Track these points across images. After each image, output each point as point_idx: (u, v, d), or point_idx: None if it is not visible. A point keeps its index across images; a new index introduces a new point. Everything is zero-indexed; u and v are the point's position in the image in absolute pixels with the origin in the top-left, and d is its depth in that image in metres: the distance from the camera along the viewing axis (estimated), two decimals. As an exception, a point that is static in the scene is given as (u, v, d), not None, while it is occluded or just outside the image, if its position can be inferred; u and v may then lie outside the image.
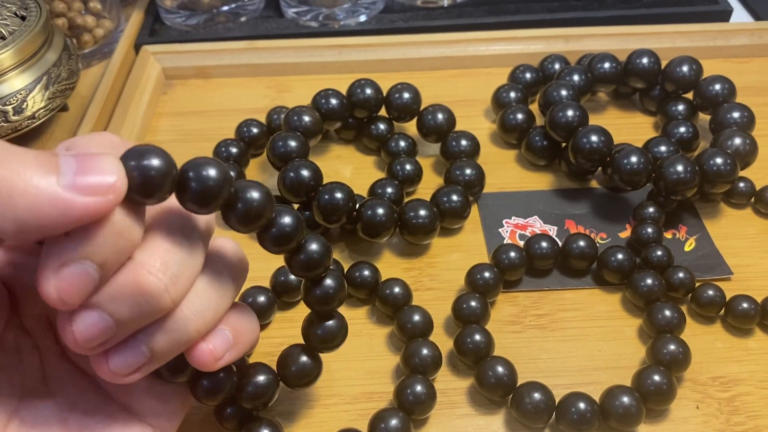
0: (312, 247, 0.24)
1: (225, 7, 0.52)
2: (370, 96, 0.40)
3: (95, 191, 0.18)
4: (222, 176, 0.20)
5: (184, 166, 0.20)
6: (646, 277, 0.33)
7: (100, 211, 0.18)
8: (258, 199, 0.21)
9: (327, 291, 0.25)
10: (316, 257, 0.24)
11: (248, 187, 0.21)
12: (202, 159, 0.21)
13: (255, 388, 0.26)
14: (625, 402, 0.28)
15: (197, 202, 0.20)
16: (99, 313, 0.19)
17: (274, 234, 0.23)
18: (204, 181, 0.20)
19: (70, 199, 0.17)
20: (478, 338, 0.30)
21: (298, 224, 0.23)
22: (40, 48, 0.41)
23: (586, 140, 0.37)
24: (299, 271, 0.24)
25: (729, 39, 0.50)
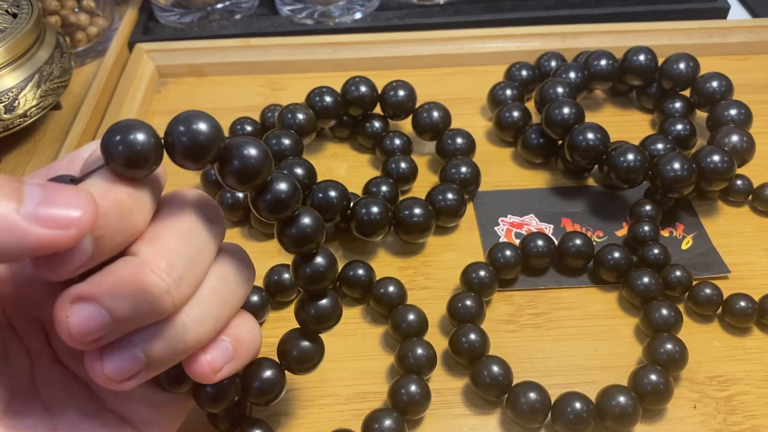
0: (305, 221, 0.23)
1: (219, 5, 0.52)
2: (364, 94, 0.40)
3: (56, 224, 0.17)
4: (212, 129, 0.20)
5: (170, 124, 0.20)
6: (642, 276, 0.32)
7: (58, 244, 0.17)
8: (255, 156, 0.21)
9: (318, 269, 0.24)
10: (308, 231, 0.23)
11: (245, 143, 0.21)
12: (191, 113, 0.20)
13: (262, 384, 0.26)
14: (621, 402, 0.28)
15: (189, 157, 0.20)
16: (96, 308, 0.19)
17: (269, 199, 0.22)
18: (196, 135, 0.20)
19: (25, 228, 0.17)
20: (473, 337, 0.30)
21: (295, 191, 0.22)
22: (31, 46, 0.40)
23: (582, 138, 0.37)
24: (291, 246, 0.24)
25: (726, 36, 0.49)
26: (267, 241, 0.37)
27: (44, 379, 0.23)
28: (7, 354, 0.22)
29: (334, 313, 0.26)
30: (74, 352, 0.23)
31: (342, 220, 0.35)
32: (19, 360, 0.22)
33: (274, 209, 0.22)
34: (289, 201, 0.22)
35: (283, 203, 0.22)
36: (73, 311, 0.19)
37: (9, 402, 0.22)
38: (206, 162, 0.20)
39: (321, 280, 0.24)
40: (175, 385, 0.23)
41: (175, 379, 0.23)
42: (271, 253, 0.36)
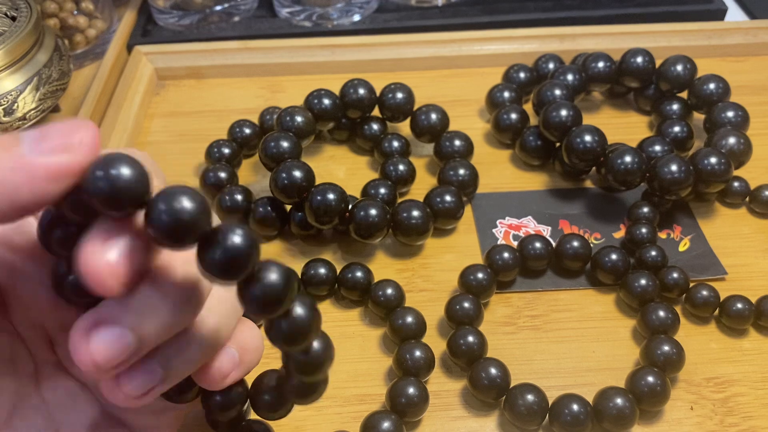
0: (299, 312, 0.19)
1: (218, 7, 0.52)
2: (363, 96, 0.40)
3: (59, 149, 0.17)
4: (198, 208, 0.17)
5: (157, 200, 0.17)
6: (640, 278, 0.33)
7: (67, 168, 0.17)
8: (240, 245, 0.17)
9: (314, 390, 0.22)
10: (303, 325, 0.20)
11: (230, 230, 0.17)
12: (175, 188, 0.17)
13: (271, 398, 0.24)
14: (618, 403, 0.28)
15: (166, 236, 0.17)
16: (119, 329, 0.18)
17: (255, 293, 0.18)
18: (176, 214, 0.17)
19: (31, 161, 0.17)
20: (471, 340, 0.30)
21: (287, 283, 0.18)
22: (30, 49, 0.41)
23: (580, 140, 0.37)
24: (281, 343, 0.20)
25: (724, 38, 0.49)
26: (266, 244, 0.37)
27: (48, 384, 0.23)
28: (13, 359, 0.22)
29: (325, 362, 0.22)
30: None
31: (340, 222, 0.35)
32: (25, 365, 0.22)
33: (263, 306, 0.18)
34: (282, 294, 0.18)
35: (275, 297, 0.18)
36: (95, 338, 0.18)
37: (15, 407, 0.22)
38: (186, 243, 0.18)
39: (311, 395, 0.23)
40: (183, 395, 0.23)
41: (181, 389, 0.23)
42: (270, 256, 0.36)
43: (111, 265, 0.17)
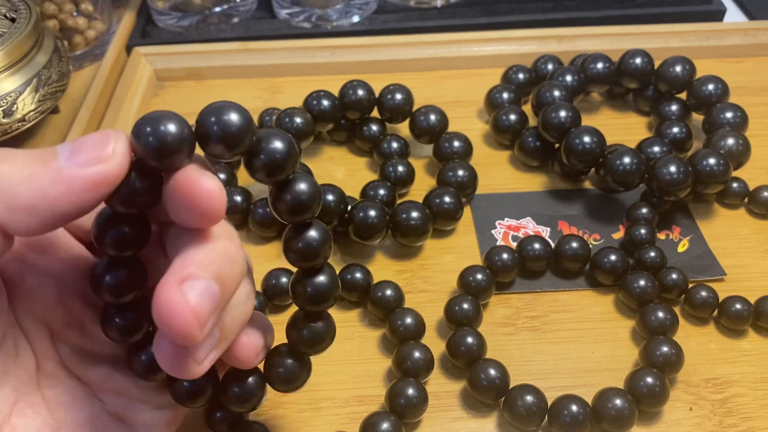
0: (311, 233, 0.22)
1: (217, 8, 0.52)
2: (362, 97, 0.40)
3: (95, 160, 0.18)
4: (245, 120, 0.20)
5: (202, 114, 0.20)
6: (639, 279, 0.33)
7: (103, 178, 0.18)
8: (281, 151, 0.20)
9: (319, 287, 0.23)
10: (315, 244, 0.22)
11: (273, 136, 0.20)
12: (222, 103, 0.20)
13: (242, 391, 0.25)
14: (617, 404, 0.28)
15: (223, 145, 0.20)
16: (205, 281, 0.19)
17: (289, 199, 0.21)
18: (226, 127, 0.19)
19: (69, 174, 0.18)
20: (471, 341, 0.30)
21: (315, 192, 0.22)
22: (30, 50, 0.41)
23: (579, 141, 0.37)
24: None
25: (722, 39, 0.50)
26: (265, 245, 0.37)
27: (48, 382, 0.23)
28: (16, 354, 0.22)
29: (328, 335, 0.25)
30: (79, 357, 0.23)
31: (339, 223, 0.35)
32: (26, 361, 0.22)
33: (293, 210, 0.21)
34: (309, 202, 0.21)
35: (304, 204, 0.21)
36: (187, 289, 0.19)
37: (15, 403, 0.22)
38: (238, 153, 0.20)
39: (323, 301, 0.24)
40: (198, 396, 0.24)
41: (197, 390, 0.24)
42: (269, 257, 0.36)
43: (195, 314, 0.18)
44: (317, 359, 0.31)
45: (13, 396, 0.22)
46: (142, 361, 0.23)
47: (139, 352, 0.23)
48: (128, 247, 0.21)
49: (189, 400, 0.24)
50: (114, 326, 0.22)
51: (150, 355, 0.23)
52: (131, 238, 0.21)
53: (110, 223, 0.21)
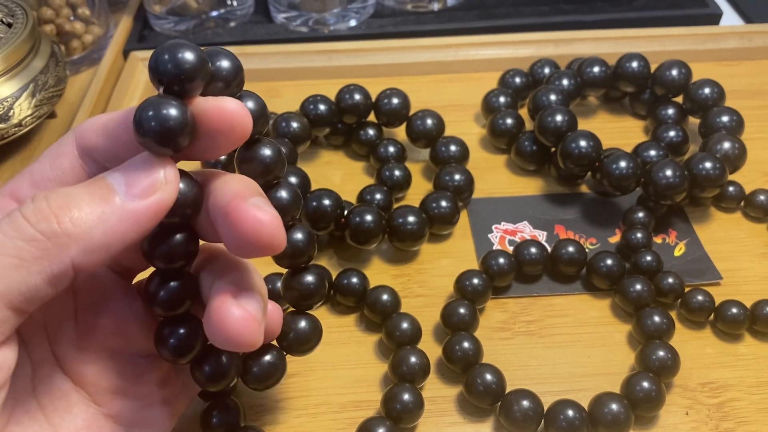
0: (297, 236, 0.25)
1: (214, 13, 0.52)
2: (358, 101, 0.40)
3: (151, 190, 0.20)
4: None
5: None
6: (635, 283, 0.33)
7: (164, 204, 0.20)
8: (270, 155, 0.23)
9: (308, 286, 0.26)
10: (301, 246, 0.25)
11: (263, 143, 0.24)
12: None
13: (261, 368, 0.26)
14: (613, 409, 0.28)
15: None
16: (253, 293, 0.22)
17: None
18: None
19: (134, 208, 0.19)
20: (467, 345, 0.30)
21: (296, 199, 0.24)
22: (26, 55, 0.41)
23: (575, 145, 0.37)
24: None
25: (719, 42, 0.50)
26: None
27: (44, 388, 0.23)
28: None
29: (314, 336, 0.27)
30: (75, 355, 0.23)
31: (336, 228, 0.35)
32: (22, 368, 0.22)
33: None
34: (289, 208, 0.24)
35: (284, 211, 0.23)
36: (245, 304, 0.22)
37: (12, 411, 0.22)
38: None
39: (310, 297, 0.26)
40: (181, 354, 0.24)
41: (181, 348, 0.24)
42: (264, 262, 0.36)
43: (249, 321, 0.21)
44: (314, 365, 0.31)
45: (10, 404, 0.22)
46: (171, 341, 0.24)
47: (171, 330, 0.24)
48: (179, 259, 0.23)
49: (212, 382, 0.25)
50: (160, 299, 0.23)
51: (182, 333, 0.24)
52: (180, 250, 0.22)
53: (158, 235, 0.22)
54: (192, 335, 0.24)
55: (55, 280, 0.19)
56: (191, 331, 0.24)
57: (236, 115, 0.21)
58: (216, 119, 0.21)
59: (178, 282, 0.23)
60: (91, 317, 0.24)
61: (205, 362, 0.25)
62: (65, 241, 0.19)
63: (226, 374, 0.25)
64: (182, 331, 0.24)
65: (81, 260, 0.19)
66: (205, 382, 0.25)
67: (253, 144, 0.24)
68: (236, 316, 0.21)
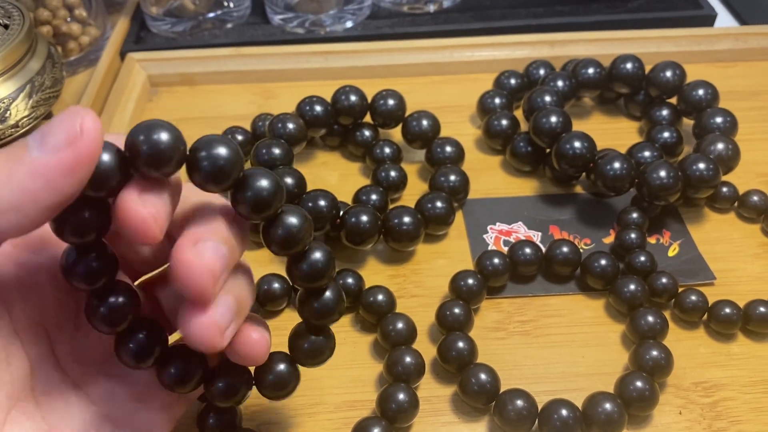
0: (316, 256, 0.23)
1: (211, 14, 0.52)
2: (354, 103, 0.40)
3: (65, 143, 0.18)
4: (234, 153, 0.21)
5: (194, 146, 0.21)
6: (629, 283, 0.33)
7: (77, 159, 0.18)
8: (268, 188, 0.21)
9: (326, 304, 0.24)
10: (320, 266, 0.23)
11: (259, 174, 0.21)
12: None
13: (227, 386, 0.25)
14: (607, 408, 0.28)
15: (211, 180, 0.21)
16: (215, 242, 0.20)
17: (279, 233, 0.22)
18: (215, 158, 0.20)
19: (44, 162, 0.17)
20: (461, 345, 0.30)
21: (304, 223, 0.22)
22: (23, 56, 0.41)
23: (569, 146, 0.37)
24: (300, 281, 0.24)
25: (713, 43, 0.50)
26: (257, 250, 0.37)
27: (42, 388, 0.23)
28: (8, 362, 0.22)
29: (328, 349, 0.26)
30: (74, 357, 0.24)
31: (332, 228, 0.35)
32: (20, 368, 0.22)
33: (284, 244, 0.22)
34: (300, 235, 0.22)
35: (293, 238, 0.22)
36: (201, 249, 0.20)
37: (9, 411, 0.22)
38: (225, 187, 0.21)
39: (327, 315, 0.25)
40: (142, 359, 0.23)
41: (141, 352, 0.23)
42: (261, 262, 0.36)
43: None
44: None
45: (7, 404, 0.22)
46: (129, 348, 0.23)
47: (127, 340, 0.23)
48: (89, 233, 0.21)
49: (178, 385, 0.24)
50: (98, 315, 0.22)
51: (138, 341, 0.23)
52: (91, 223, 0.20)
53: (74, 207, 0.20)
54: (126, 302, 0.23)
55: None
56: (123, 302, 0.22)
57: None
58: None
59: (95, 256, 0.21)
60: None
61: (217, 378, 0.24)
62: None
63: (238, 391, 0.25)
64: (113, 301, 0.22)
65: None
66: (218, 397, 0.25)
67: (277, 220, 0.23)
68: (188, 259, 0.20)
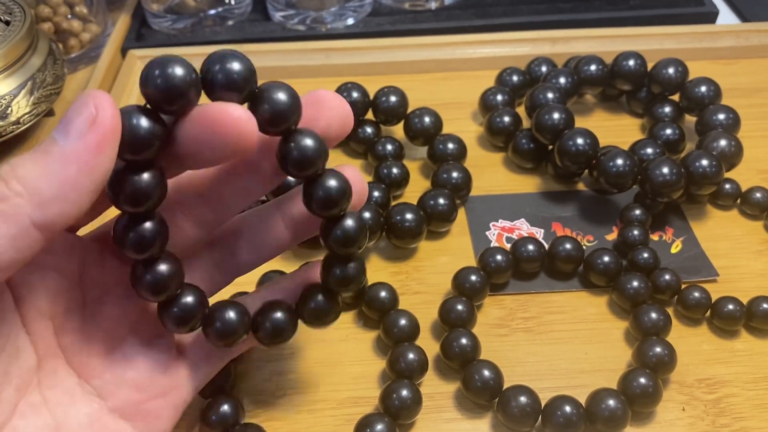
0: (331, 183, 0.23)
1: (212, 11, 0.52)
2: (356, 99, 0.40)
3: (86, 125, 0.19)
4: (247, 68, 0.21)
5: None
6: (632, 280, 0.33)
7: (104, 136, 0.19)
8: (285, 101, 0.21)
9: (348, 232, 0.24)
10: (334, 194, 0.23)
11: (276, 87, 0.22)
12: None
13: (272, 324, 0.25)
14: (611, 405, 0.28)
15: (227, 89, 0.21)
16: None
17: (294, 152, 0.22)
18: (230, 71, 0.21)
19: (73, 149, 0.19)
20: (465, 342, 0.30)
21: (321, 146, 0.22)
22: (24, 53, 0.41)
23: (572, 143, 0.37)
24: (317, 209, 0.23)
25: (715, 40, 0.50)
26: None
27: (48, 382, 0.23)
28: (18, 355, 0.22)
29: (358, 277, 0.25)
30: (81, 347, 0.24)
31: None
32: (27, 360, 0.22)
33: (299, 165, 0.22)
34: (314, 157, 0.22)
35: (309, 159, 0.22)
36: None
37: (16, 405, 0.22)
38: (242, 97, 0.21)
39: (350, 244, 0.24)
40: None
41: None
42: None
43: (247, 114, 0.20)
44: (312, 362, 0.31)
45: (15, 397, 0.22)
46: (174, 313, 0.23)
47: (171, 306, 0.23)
48: (145, 201, 0.21)
49: (182, 324, 0.24)
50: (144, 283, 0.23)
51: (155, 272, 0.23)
52: (147, 190, 0.21)
53: (123, 176, 0.21)
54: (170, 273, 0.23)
55: (18, 242, 0.18)
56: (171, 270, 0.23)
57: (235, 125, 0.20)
58: (210, 127, 0.20)
59: (150, 224, 0.22)
60: (98, 306, 0.24)
61: (214, 320, 0.24)
62: (18, 202, 0.18)
63: (236, 330, 0.24)
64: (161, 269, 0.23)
65: (38, 216, 0.18)
66: (216, 339, 0.24)
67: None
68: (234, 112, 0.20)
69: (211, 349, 0.26)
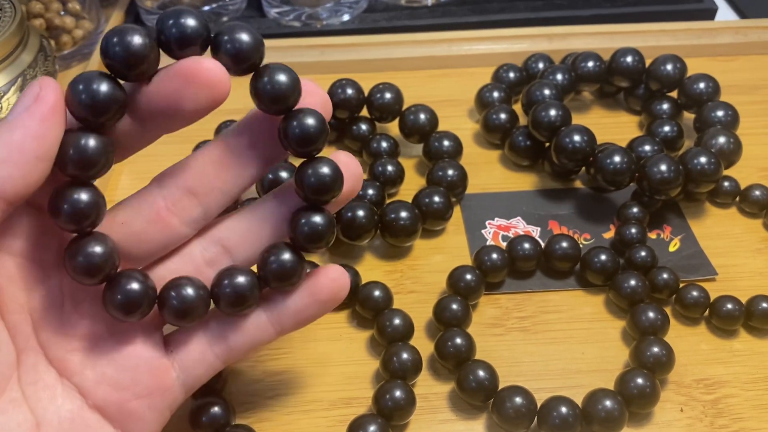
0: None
1: (206, 8, 0.52)
2: (351, 96, 0.40)
3: (31, 99, 0.20)
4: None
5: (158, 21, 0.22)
6: (629, 279, 0.32)
7: (46, 106, 0.20)
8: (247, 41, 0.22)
9: (323, 179, 0.23)
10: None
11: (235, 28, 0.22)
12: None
13: (233, 290, 0.24)
14: (607, 406, 0.28)
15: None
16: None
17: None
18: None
19: (17, 119, 0.20)
20: (459, 341, 0.30)
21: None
22: (14, 49, 0.40)
23: (569, 140, 0.37)
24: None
25: (714, 37, 0.49)
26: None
27: (29, 378, 0.23)
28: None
29: (329, 232, 0.25)
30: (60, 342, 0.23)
31: (327, 223, 0.35)
32: (7, 356, 0.22)
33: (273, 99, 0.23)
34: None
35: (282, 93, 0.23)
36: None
37: None
38: (199, 48, 0.22)
39: (326, 192, 0.24)
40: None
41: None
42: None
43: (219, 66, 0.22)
44: (305, 361, 0.31)
45: None
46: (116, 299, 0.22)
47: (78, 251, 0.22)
48: (91, 167, 0.21)
49: (129, 312, 0.23)
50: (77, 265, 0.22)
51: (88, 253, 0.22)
52: (94, 157, 0.21)
53: (71, 138, 0.21)
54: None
55: None
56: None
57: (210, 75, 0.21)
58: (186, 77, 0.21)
59: (88, 194, 0.21)
60: (77, 302, 0.23)
61: (170, 299, 0.23)
62: None
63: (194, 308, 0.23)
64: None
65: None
66: (174, 318, 0.23)
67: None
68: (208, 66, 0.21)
69: (204, 350, 0.25)
